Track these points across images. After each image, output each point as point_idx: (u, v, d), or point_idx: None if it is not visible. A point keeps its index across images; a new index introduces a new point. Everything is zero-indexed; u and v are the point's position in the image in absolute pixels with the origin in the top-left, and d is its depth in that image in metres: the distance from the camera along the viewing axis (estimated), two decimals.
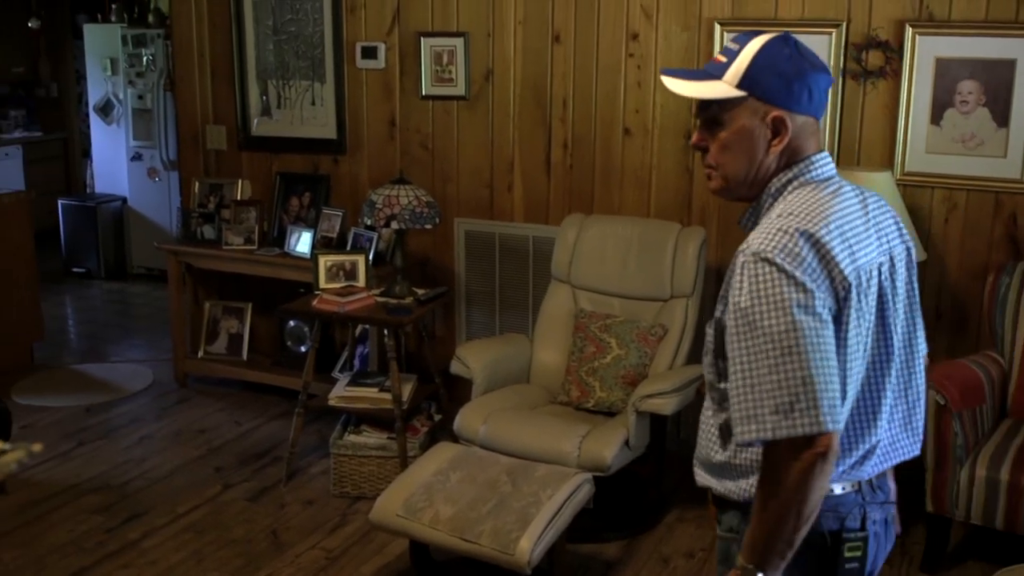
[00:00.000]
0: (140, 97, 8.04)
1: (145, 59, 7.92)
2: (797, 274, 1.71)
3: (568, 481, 3.52)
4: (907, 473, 4.07)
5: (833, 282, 1.75)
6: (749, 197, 1.94)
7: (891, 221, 1.96)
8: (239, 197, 5.57)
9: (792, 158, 1.88)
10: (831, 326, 1.73)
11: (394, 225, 4.43)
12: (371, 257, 4.83)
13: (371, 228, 4.92)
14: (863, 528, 1.90)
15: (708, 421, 1.97)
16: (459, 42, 4.91)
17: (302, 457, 4.75)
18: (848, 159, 4.29)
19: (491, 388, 4.27)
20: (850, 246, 1.79)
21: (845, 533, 1.88)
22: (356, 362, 5.19)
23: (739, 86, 1.84)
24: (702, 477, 2.01)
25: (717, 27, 4.40)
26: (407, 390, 4.47)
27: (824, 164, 1.90)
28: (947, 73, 4.10)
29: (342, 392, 4.48)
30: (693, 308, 4.26)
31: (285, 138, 5.50)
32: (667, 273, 4.28)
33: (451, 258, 5.17)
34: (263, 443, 4.98)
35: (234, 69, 5.57)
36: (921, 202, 4.21)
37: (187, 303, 5.75)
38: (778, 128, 1.85)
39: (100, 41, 8.27)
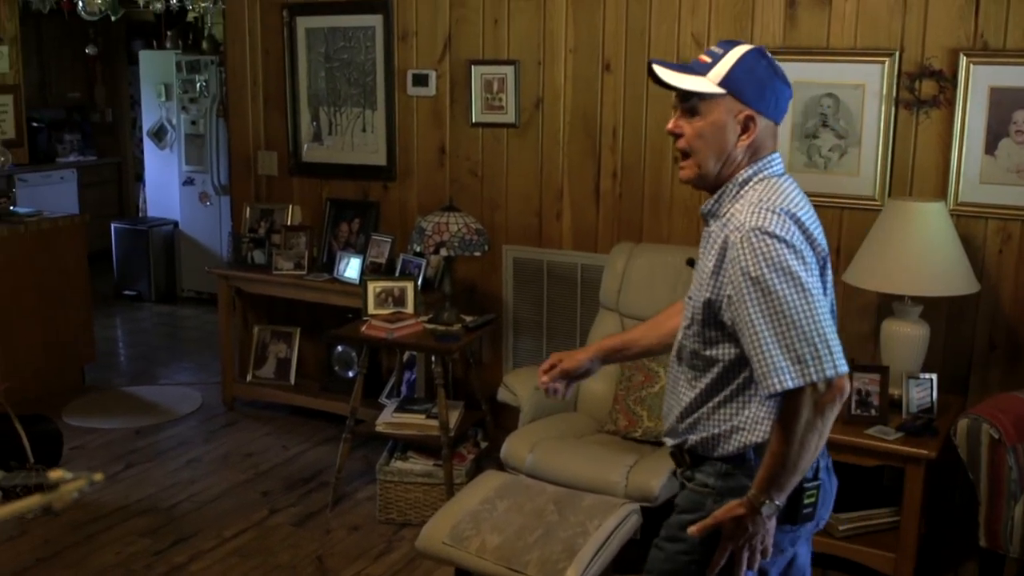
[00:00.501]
0: (193, 123, 8.16)
1: (198, 85, 8.04)
2: (796, 243, 2.00)
3: (615, 511, 3.49)
4: (960, 507, 4.00)
5: (815, 252, 2.07)
6: (714, 187, 2.17)
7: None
8: (289, 222, 5.62)
9: (755, 155, 2.15)
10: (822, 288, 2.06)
11: (443, 252, 4.44)
12: (419, 283, 4.85)
13: (420, 255, 4.94)
14: (816, 477, 2.17)
15: (684, 386, 2.22)
16: (509, 70, 4.94)
17: (348, 482, 4.76)
18: (900, 189, 4.25)
19: (538, 416, 4.26)
20: (815, 228, 2.11)
21: (804, 482, 2.12)
22: (403, 388, 5.20)
23: (720, 84, 2.11)
24: (675, 438, 2.25)
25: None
26: (454, 417, 4.46)
27: (779, 162, 2.18)
28: (1002, 102, 4.04)
29: (389, 418, 4.49)
30: None
31: (335, 164, 5.55)
32: None
33: (499, 285, 5.17)
34: (310, 468, 5.00)
35: (286, 96, 5.64)
36: (975, 232, 4.15)
37: (236, 327, 5.80)
38: (747, 126, 2.12)
39: (155, 67, 8.41)
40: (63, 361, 6.13)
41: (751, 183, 2.13)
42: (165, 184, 8.54)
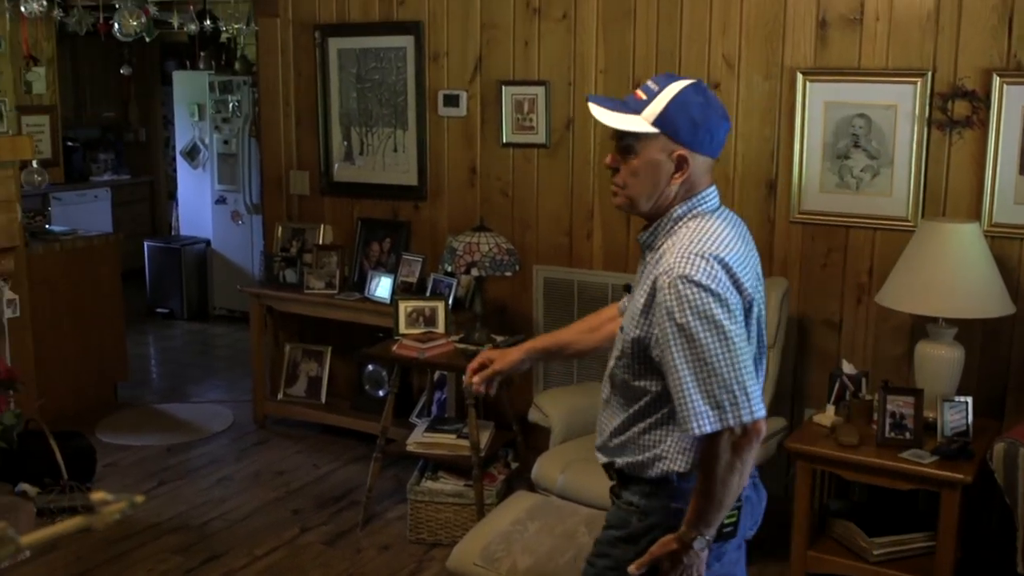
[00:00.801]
0: (225, 142, 8.23)
1: (231, 105, 8.11)
2: (720, 291, 2.04)
3: None
4: (997, 532, 3.95)
5: (742, 296, 2.10)
6: (648, 216, 2.23)
7: (758, 260, 2.27)
8: (321, 242, 5.65)
9: (691, 191, 2.18)
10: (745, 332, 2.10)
11: (474, 272, 4.45)
12: (450, 303, 4.86)
13: (450, 274, 4.96)
14: (737, 499, 2.19)
15: (615, 407, 2.29)
16: (540, 91, 4.96)
17: (379, 502, 4.76)
18: (934, 210, 4.22)
19: (569, 437, 4.25)
20: (744, 270, 2.12)
21: None
22: (434, 408, 5.21)
23: (654, 123, 2.13)
24: (606, 456, 2.33)
25: (799, 76, 4.38)
26: (485, 437, 4.46)
27: (714, 197, 2.22)
28: None
29: (420, 438, 4.50)
30: (775, 359, 4.21)
31: (367, 184, 5.58)
32: None
33: (530, 305, 5.18)
34: (340, 487, 5.01)
35: (318, 116, 5.68)
36: (1009, 253, 4.12)
37: (268, 345, 5.83)
38: (681, 165, 2.15)
39: (188, 87, 8.51)
40: (96, 378, 6.19)
41: (684, 219, 2.17)
42: (197, 203, 8.62)
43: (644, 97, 2.15)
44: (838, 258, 4.43)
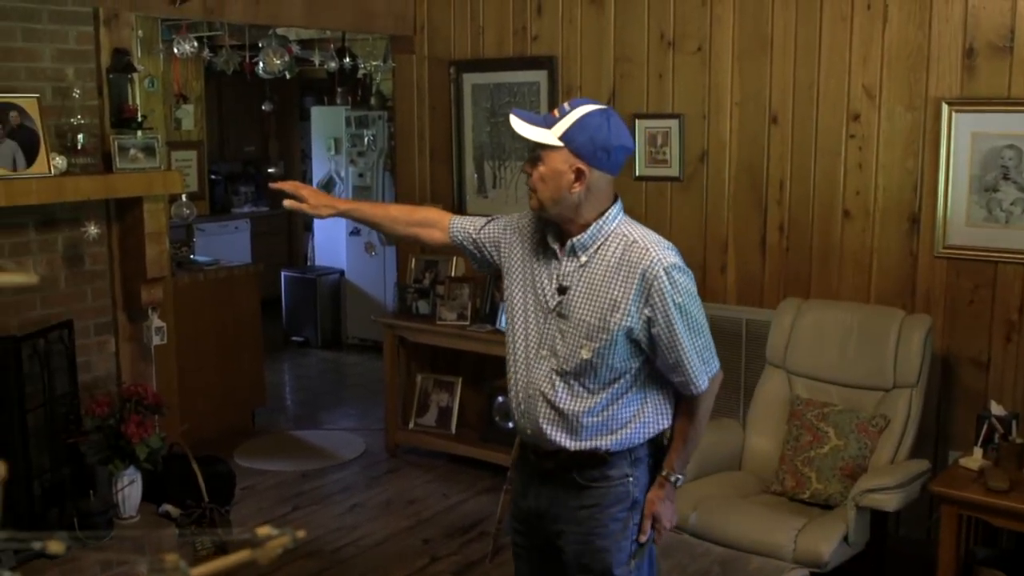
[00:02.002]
0: (361, 175, 8.43)
1: (366, 139, 8.31)
2: (689, 271, 2.52)
3: None
4: None
5: None
6: (559, 218, 2.53)
7: None
8: (453, 274, 5.72)
9: (602, 202, 2.53)
10: None
11: None
12: None
13: None
14: None
15: (579, 397, 2.54)
16: (674, 123, 4.93)
17: (508, 534, 4.76)
18: None
19: (701, 474, 4.18)
20: None
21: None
22: None
23: (560, 138, 2.45)
24: (580, 443, 2.55)
25: (945, 107, 4.25)
26: None
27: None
28: None
29: None
30: (918, 399, 4.07)
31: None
32: (890, 362, 4.11)
33: None
34: (470, 517, 5.03)
35: (452, 150, 5.77)
36: None
37: (400, 375, 5.92)
38: (579, 176, 2.47)
39: (325, 122, 8.75)
40: (236, 404, 6.37)
41: (618, 222, 2.54)
42: (332, 234, 8.83)
43: (558, 115, 2.48)
44: (986, 294, 4.27)
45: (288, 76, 6.91)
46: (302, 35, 7.20)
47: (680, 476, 2.62)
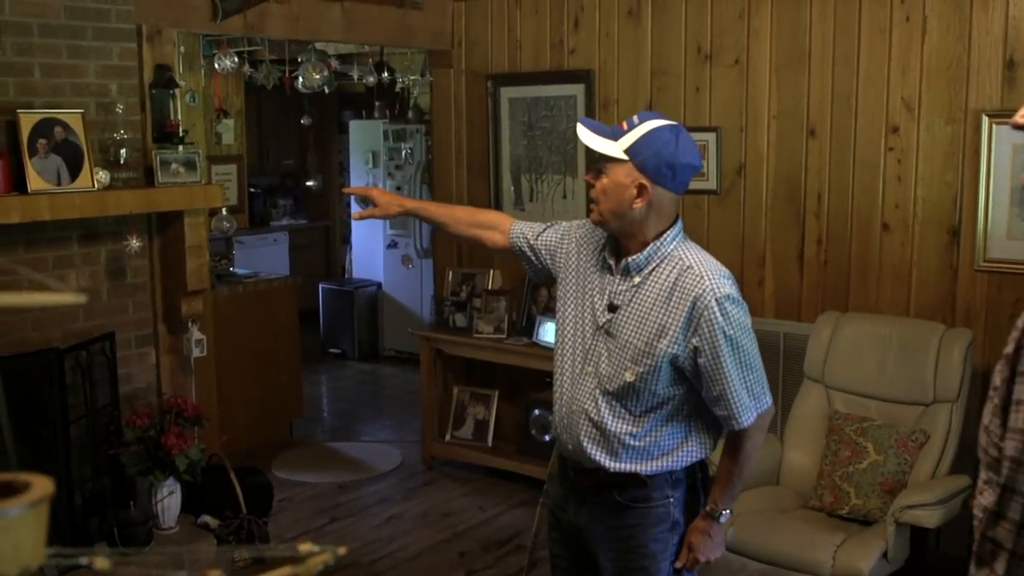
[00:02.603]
0: (398, 188, 8.46)
1: (404, 152, 8.35)
2: (743, 302, 2.45)
3: None
4: None
5: None
6: (619, 232, 2.50)
7: None
8: (490, 287, 5.74)
9: (665, 220, 2.47)
10: None
11: None
12: None
13: None
14: None
15: (623, 419, 2.49)
16: (711, 136, 4.92)
17: (544, 547, 4.73)
18: None
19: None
20: None
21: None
22: None
23: (626, 151, 2.40)
24: (620, 464, 2.51)
25: (985, 120, 4.21)
26: None
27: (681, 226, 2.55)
28: None
29: None
30: (958, 414, 4.02)
31: None
32: (930, 376, 4.07)
33: None
34: (506, 530, 5.04)
35: (489, 163, 5.79)
36: None
37: (436, 387, 5.94)
38: (640, 191, 2.41)
39: (363, 136, 8.81)
40: (274, 416, 6.42)
41: (676, 243, 2.48)
42: (370, 247, 8.89)
43: (626, 128, 2.43)
44: None
45: (327, 91, 6.96)
46: (340, 49, 7.26)
47: (725, 512, 2.54)
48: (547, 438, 5.46)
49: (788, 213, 4.80)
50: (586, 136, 2.47)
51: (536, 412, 5.56)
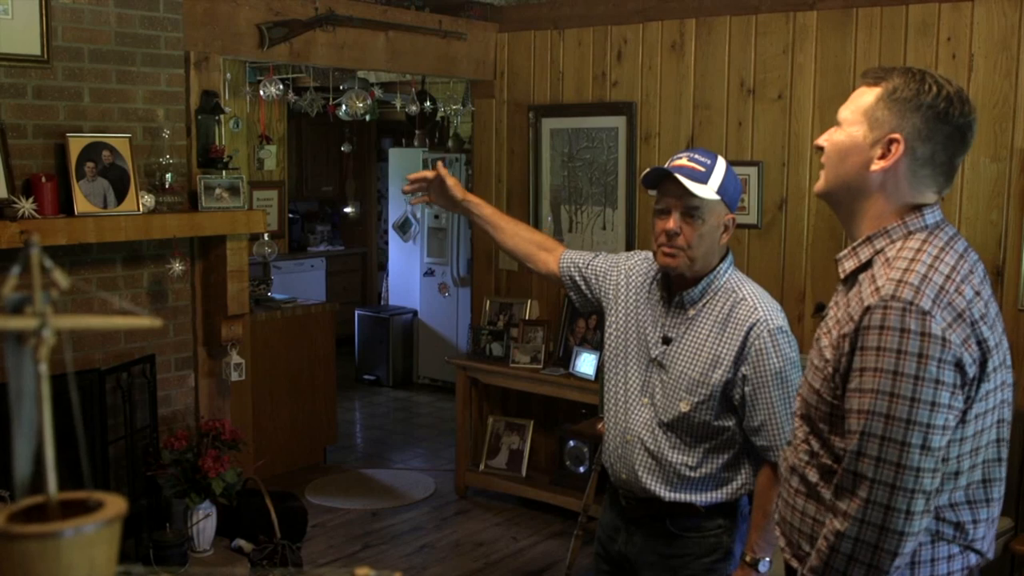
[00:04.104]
0: (436, 217, 8.51)
1: None
2: (794, 339, 2.50)
3: None
4: None
5: None
6: (693, 274, 2.49)
7: None
8: (527, 317, 5.74)
9: (719, 252, 2.51)
10: None
11: None
12: None
13: None
14: None
15: (679, 450, 2.51)
16: (753, 171, 4.91)
17: None
18: None
19: None
20: None
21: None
22: None
23: (717, 191, 2.42)
24: (676, 494, 2.51)
25: None
26: None
27: None
28: None
29: None
30: None
31: None
32: None
33: None
34: (539, 561, 5.01)
35: (529, 193, 5.81)
36: None
37: (471, 417, 5.93)
38: (728, 227, 2.49)
39: (403, 164, 8.86)
40: (308, 441, 6.43)
41: (728, 275, 2.52)
42: (406, 274, 8.92)
43: (702, 169, 2.42)
44: None
45: (368, 119, 7.03)
46: (383, 77, 7.33)
47: (766, 560, 2.46)
48: (581, 470, 5.43)
49: (829, 249, 4.77)
50: (691, 185, 2.39)
51: (571, 443, 5.53)
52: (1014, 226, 4.27)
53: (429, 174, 2.79)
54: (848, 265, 1.92)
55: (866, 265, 1.88)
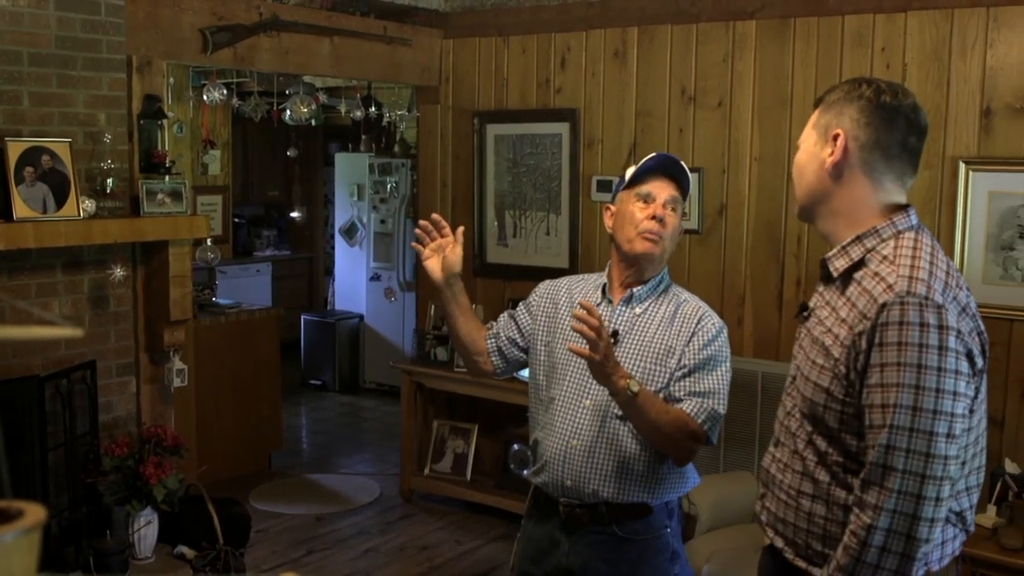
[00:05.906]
0: (383, 221, 8.51)
1: (389, 186, 8.40)
2: (728, 344, 2.67)
3: None
4: None
5: None
6: (651, 265, 2.61)
7: None
8: None
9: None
10: None
11: None
12: None
13: None
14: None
15: (631, 448, 2.53)
16: (694, 178, 4.94)
17: None
18: None
19: (716, 526, 4.19)
20: None
21: None
22: None
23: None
24: (626, 496, 2.54)
25: (962, 166, 4.29)
26: None
27: None
28: None
29: None
30: None
31: (519, 266, 5.68)
32: None
33: None
34: (483, 564, 5.04)
35: (473, 198, 5.84)
36: None
37: (416, 421, 5.94)
38: (683, 230, 2.70)
39: (349, 169, 8.85)
40: (253, 447, 6.40)
41: (669, 281, 2.69)
42: (353, 279, 8.91)
43: (686, 168, 2.63)
44: (1001, 352, 4.27)
45: (314, 123, 7.02)
46: (328, 83, 7.32)
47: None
48: (525, 473, 5.46)
49: (768, 254, 4.86)
50: (691, 184, 2.68)
51: (516, 447, 5.57)
52: (945, 231, 4.37)
53: (447, 232, 2.73)
54: (839, 264, 1.99)
55: (859, 264, 1.95)
